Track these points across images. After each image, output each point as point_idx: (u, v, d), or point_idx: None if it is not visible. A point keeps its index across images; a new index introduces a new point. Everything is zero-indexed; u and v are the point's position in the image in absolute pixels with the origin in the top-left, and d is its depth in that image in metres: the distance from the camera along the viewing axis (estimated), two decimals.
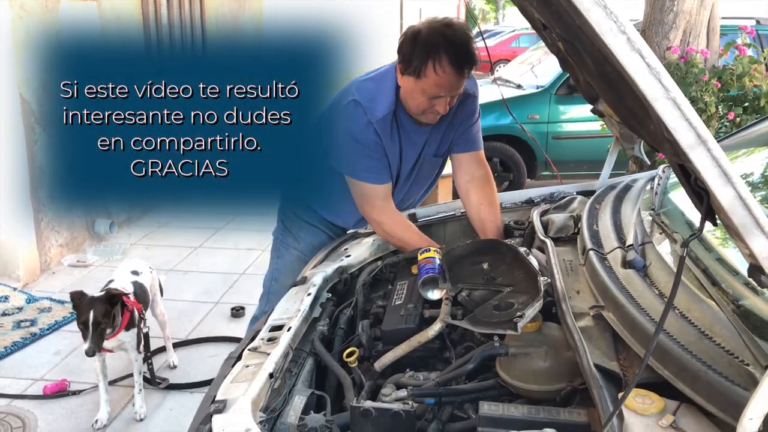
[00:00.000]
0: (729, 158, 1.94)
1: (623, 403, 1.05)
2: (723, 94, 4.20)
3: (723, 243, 1.57)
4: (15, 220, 3.80)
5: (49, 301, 3.63)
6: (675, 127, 0.79)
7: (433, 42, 1.81)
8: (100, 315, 2.38)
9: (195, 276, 4.09)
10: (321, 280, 1.82)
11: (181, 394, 2.78)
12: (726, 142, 2.26)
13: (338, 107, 2.01)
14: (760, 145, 2.28)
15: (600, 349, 1.26)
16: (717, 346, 1.11)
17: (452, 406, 1.36)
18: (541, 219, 1.96)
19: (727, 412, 0.98)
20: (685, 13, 4.29)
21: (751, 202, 0.80)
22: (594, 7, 0.78)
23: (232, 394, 1.34)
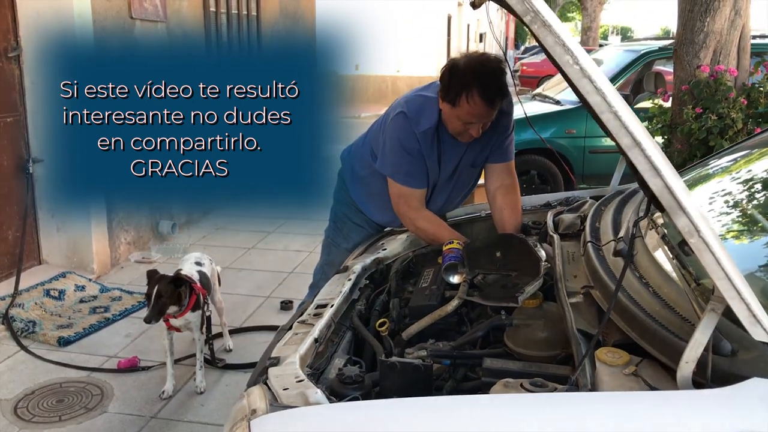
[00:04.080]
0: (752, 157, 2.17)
1: (594, 354, 1.32)
2: (751, 111, 4.36)
3: None
4: (92, 219, 4.23)
5: (119, 291, 4.03)
6: (616, 132, 1.07)
7: (467, 77, 2.06)
8: (163, 290, 2.71)
9: (248, 273, 4.45)
10: (360, 268, 2.10)
11: (236, 373, 3.11)
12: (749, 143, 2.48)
13: (389, 117, 2.29)
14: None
15: (586, 319, 1.53)
16: (676, 314, 1.37)
17: (465, 368, 1.63)
18: (553, 219, 2.22)
19: (675, 361, 1.23)
20: (715, 33, 4.46)
21: (676, 188, 1.07)
22: (556, 45, 1.06)
23: (284, 353, 1.61)
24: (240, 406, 1.37)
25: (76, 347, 3.36)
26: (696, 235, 1.08)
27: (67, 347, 3.35)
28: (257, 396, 1.37)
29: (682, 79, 4.59)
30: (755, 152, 2.44)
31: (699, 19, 4.46)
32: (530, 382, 1.33)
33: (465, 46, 21.86)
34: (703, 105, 4.32)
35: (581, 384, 1.26)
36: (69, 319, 3.63)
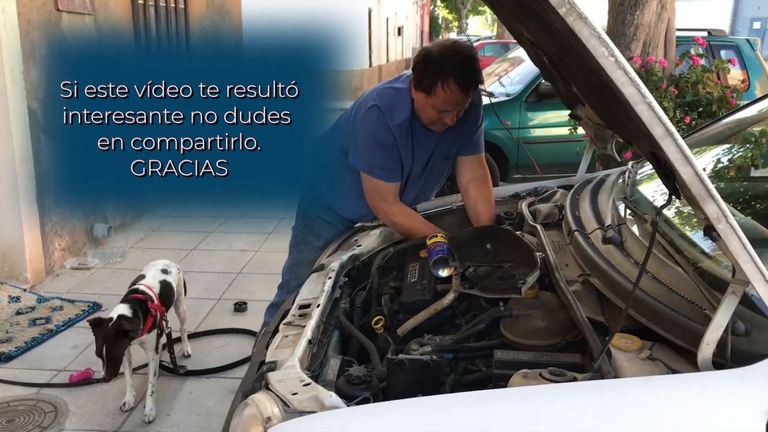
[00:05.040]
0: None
1: (611, 341, 1.35)
2: (680, 100, 4.58)
3: (683, 223, 1.90)
4: (23, 225, 3.97)
5: (59, 300, 3.81)
6: (650, 123, 1.09)
7: (442, 64, 2.07)
8: (112, 346, 2.51)
9: (194, 276, 4.27)
10: (338, 266, 2.06)
11: (198, 379, 3.00)
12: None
13: (359, 111, 2.26)
14: (711, 144, 2.64)
15: (588, 307, 1.57)
16: (681, 297, 1.42)
17: (466, 361, 1.63)
18: (529, 209, 2.26)
19: (690, 343, 1.27)
20: (644, 26, 4.67)
21: (704, 177, 1.11)
22: (591, 37, 1.07)
23: (280, 356, 1.56)
24: (250, 415, 1.32)
25: (20, 362, 3.16)
26: (724, 220, 1.11)
27: (9, 363, 3.14)
28: (266, 402, 1.33)
29: None
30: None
31: (629, 12, 4.65)
32: (549, 371, 1.34)
33: (385, 38, 21.94)
34: None
35: (605, 372, 1.28)
36: (7, 333, 3.40)
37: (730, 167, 2.70)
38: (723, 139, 2.74)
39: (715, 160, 2.64)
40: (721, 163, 2.67)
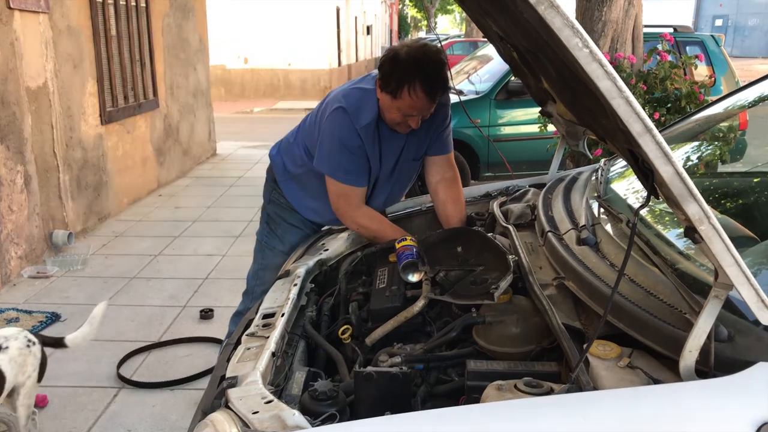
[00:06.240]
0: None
1: (588, 350, 1.28)
2: (649, 96, 4.57)
3: (659, 221, 1.85)
4: None
5: (15, 312, 3.63)
6: (627, 119, 1.01)
7: (408, 68, 1.98)
8: None
9: (159, 282, 4.16)
10: (304, 272, 1.97)
11: (162, 392, 2.87)
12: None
13: (325, 113, 2.16)
14: (681, 142, 2.60)
15: (564, 312, 1.49)
16: (660, 301, 1.35)
17: (437, 371, 1.55)
18: (500, 209, 2.19)
19: (671, 350, 1.21)
20: (612, 22, 4.66)
21: (685, 176, 1.04)
22: (564, 27, 1.00)
23: (241, 371, 1.47)
24: None
25: None
26: (706, 221, 1.05)
27: None
28: (224, 422, 1.25)
29: None
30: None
31: (597, 9, 4.63)
32: (524, 383, 1.27)
33: (354, 37, 21.84)
34: None
35: (583, 383, 1.21)
36: None
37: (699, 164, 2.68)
38: (692, 135, 2.71)
39: (686, 157, 2.61)
40: (691, 161, 2.65)
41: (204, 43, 8.14)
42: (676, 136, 2.59)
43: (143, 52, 6.20)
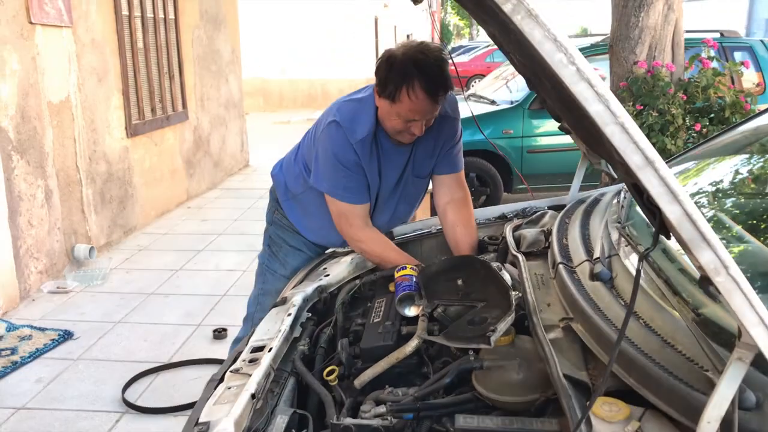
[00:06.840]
0: (699, 167, 2.01)
1: (590, 410, 1.10)
2: (689, 106, 4.31)
3: (683, 253, 1.64)
4: None
5: (29, 329, 3.60)
6: (623, 149, 0.84)
7: (406, 68, 1.83)
8: None
9: (176, 299, 4.08)
10: (301, 300, 1.84)
11: (165, 418, 2.77)
12: (695, 152, 2.34)
13: (320, 128, 2.04)
14: (726, 155, 2.37)
15: (570, 360, 1.31)
16: (678, 353, 1.16)
17: (431, 420, 1.38)
18: (513, 234, 2.01)
19: (688, 417, 1.02)
20: (650, 28, 4.41)
21: (697, 218, 0.86)
22: (545, 40, 0.83)
23: (215, 416, 1.35)
24: None
25: None
26: (724, 272, 0.86)
27: None
28: None
29: (619, 75, 4.52)
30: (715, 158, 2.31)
31: (633, 15, 4.39)
32: None
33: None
34: (642, 101, 4.25)
35: None
36: None
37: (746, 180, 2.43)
38: (738, 148, 2.46)
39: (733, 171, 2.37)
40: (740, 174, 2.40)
41: (236, 54, 8.13)
42: (718, 149, 2.37)
43: (171, 64, 6.19)
